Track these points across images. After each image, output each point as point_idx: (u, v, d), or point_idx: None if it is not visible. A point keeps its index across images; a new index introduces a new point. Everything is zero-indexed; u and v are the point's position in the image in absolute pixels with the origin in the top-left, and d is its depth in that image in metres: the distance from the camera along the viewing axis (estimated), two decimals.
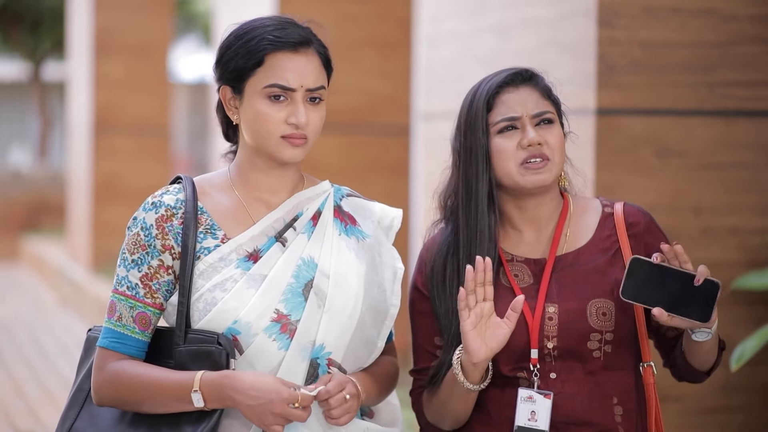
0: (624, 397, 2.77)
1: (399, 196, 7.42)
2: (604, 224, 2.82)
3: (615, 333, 2.74)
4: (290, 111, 2.66)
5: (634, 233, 2.80)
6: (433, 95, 5.18)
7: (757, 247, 4.30)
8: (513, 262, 2.81)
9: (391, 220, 2.85)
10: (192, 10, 25.05)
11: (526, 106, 2.77)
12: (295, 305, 2.67)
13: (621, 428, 2.75)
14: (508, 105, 2.78)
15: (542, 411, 2.72)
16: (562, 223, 2.83)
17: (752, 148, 4.29)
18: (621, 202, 2.85)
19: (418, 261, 2.89)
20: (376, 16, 7.66)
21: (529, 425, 2.72)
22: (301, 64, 2.67)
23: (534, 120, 2.77)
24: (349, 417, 2.63)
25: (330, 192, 2.81)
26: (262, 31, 2.67)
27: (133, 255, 2.68)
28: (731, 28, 4.26)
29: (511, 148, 2.76)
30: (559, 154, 2.78)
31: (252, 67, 2.66)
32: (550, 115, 2.79)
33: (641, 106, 4.20)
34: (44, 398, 7.67)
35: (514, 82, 2.79)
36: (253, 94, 2.67)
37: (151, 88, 12.43)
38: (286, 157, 2.68)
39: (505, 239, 2.84)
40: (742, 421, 4.33)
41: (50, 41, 21.53)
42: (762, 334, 4.02)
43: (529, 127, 2.76)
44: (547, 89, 2.82)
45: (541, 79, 2.83)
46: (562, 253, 2.79)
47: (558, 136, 2.78)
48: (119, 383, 2.64)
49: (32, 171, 18.42)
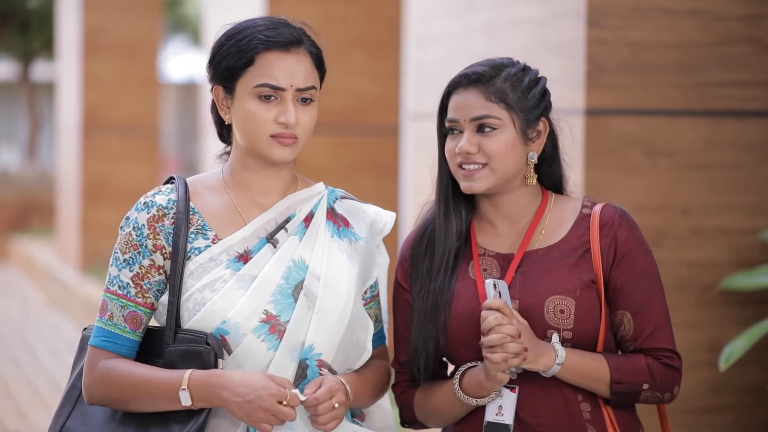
0: (591, 395, 2.74)
1: (388, 197, 7.42)
2: (580, 224, 2.79)
3: (574, 331, 2.71)
4: (280, 110, 2.66)
5: (605, 234, 2.76)
6: (423, 95, 5.18)
7: (746, 247, 4.31)
8: (485, 256, 2.82)
9: (383, 224, 2.86)
10: (182, 12, 25.04)
11: (466, 110, 2.74)
12: (284, 306, 2.67)
13: (589, 425, 2.73)
14: (453, 107, 2.77)
15: (508, 405, 2.72)
16: (537, 219, 2.82)
17: (741, 149, 4.30)
18: (602, 204, 2.82)
19: (399, 254, 2.90)
20: (365, 16, 7.66)
21: (496, 420, 2.72)
22: (291, 63, 2.67)
23: (473, 125, 2.74)
24: (336, 423, 2.64)
25: (324, 194, 2.82)
26: (253, 30, 2.68)
27: (124, 254, 2.69)
28: (720, 29, 4.26)
29: (452, 150, 2.77)
30: (499, 161, 2.73)
31: (242, 66, 2.66)
32: (492, 121, 2.73)
33: (630, 107, 4.20)
34: (33, 399, 7.65)
35: (462, 84, 2.76)
36: (243, 93, 2.67)
37: (140, 89, 12.42)
38: (276, 157, 2.68)
39: (480, 233, 2.84)
40: (731, 421, 4.33)
41: (39, 41, 21.49)
42: (751, 334, 4.02)
43: (466, 133, 2.74)
44: (500, 91, 2.74)
45: (500, 79, 2.75)
46: (533, 249, 2.79)
47: (499, 143, 2.73)
48: (109, 381, 2.64)
49: (21, 171, 18.41)
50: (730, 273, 4.27)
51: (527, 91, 2.77)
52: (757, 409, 4.35)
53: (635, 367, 2.72)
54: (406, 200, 6.48)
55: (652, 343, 2.75)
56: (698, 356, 4.24)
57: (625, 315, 2.75)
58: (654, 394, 2.73)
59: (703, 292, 4.28)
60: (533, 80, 2.79)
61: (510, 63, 2.80)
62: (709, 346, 4.27)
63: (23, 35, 21.58)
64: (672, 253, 4.23)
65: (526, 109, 2.76)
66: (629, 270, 2.75)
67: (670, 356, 2.75)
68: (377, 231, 2.86)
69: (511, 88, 2.75)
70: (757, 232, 4.30)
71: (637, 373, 2.71)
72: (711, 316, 4.30)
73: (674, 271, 4.23)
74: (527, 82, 2.77)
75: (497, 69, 2.76)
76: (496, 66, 2.77)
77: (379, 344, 2.86)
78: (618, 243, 2.76)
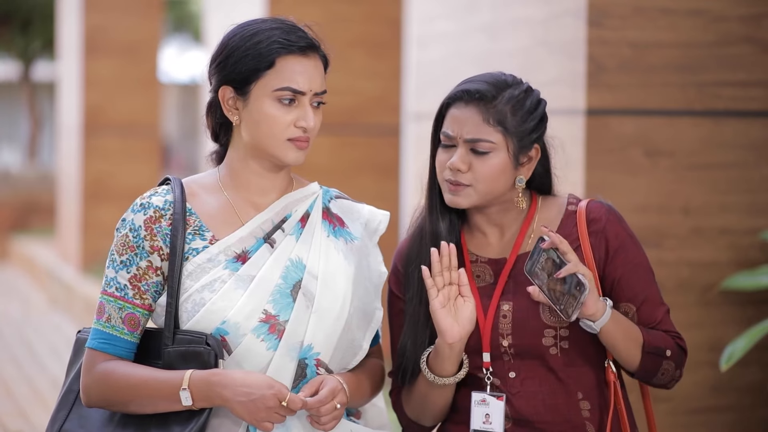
0: (591, 393, 2.76)
1: (389, 197, 7.42)
2: (566, 222, 2.80)
3: (571, 329, 2.73)
4: (299, 114, 2.68)
5: (594, 230, 2.77)
6: (423, 96, 5.18)
7: (746, 247, 4.31)
8: (477, 263, 2.83)
9: (377, 224, 2.87)
10: (183, 11, 25.02)
11: (463, 128, 2.73)
12: (283, 306, 2.67)
13: (589, 423, 2.74)
14: (450, 121, 2.76)
15: (496, 413, 2.73)
16: (526, 225, 2.82)
17: (741, 148, 4.30)
18: (587, 200, 2.82)
19: (392, 263, 2.91)
20: (366, 16, 7.66)
21: (484, 428, 2.73)
22: (310, 68, 2.69)
23: (467, 144, 2.73)
24: (336, 422, 2.66)
25: (318, 194, 2.82)
26: (270, 33, 2.68)
27: (121, 256, 2.68)
28: (720, 29, 4.26)
29: (442, 162, 2.77)
30: (485, 184, 2.73)
31: (262, 69, 2.66)
32: (486, 145, 2.72)
33: (631, 107, 4.20)
34: (34, 398, 7.66)
35: (463, 99, 2.74)
36: (261, 96, 2.67)
37: (140, 88, 12.41)
38: (290, 159, 2.69)
39: (471, 241, 2.85)
40: (731, 421, 4.33)
41: (40, 41, 21.50)
42: (752, 334, 4.02)
43: (460, 150, 2.74)
44: (500, 113, 2.71)
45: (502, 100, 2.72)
46: (525, 252, 2.79)
47: (488, 168, 2.72)
48: (107, 383, 2.64)
49: (22, 171, 18.40)
50: (730, 273, 4.27)
51: (527, 115, 2.74)
52: (757, 409, 4.34)
53: (659, 335, 2.75)
54: (406, 200, 6.48)
55: (662, 327, 2.78)
56: (699, 356, 4.24)
57: (629, 307, 2.77)
58: (671, 366, 2.75)
59: (704, 292, 4.27)
60: (534, 104, 2.76)
61: (513, 82, 2.77)
62: (710, 346, 4.27)
63: (24, 35, 21.59)
64: (673, 253, 4.23)
65: (522, 134, 2.74)
66: (624, 263, 2.76)
67: (679, 337, 2.80)
68: (372, 230, 2.86)
69: (512, 111, 2.73)
70: (758, 232, 4.30)
71: (661, 340, 2.74)
72: (712, 316, 4.29)
73: (675, 271, 4.23)
74: (528, 106, 2.75)
75: (500, 89, 2.74)
76: (499, 85, 2.74)
77: (374, 344, 2.86)
78: (609, 237, 2.77)
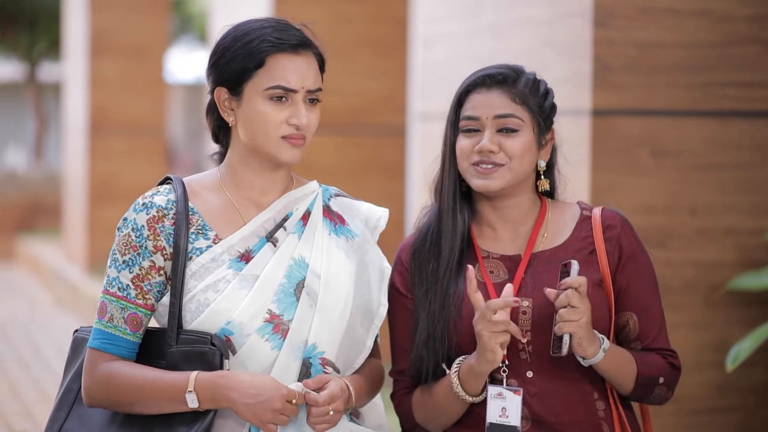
0: (604, 394, 2.77)
1: (395, 197, 7.42)
2: (581, 226, 2.83)
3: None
4: (291, 112, 2.67)
5: (609, 236, 2.80)
6: (429, 96, 5.18)
7: (752, 247, 4.30)
8: (489, 259, 2.83)
9: (377, 220, 2.87)
10: (189, 11, 25.03)
11: (490, 108, 2.77)
12: (287, 305, 2.67)
13: (604, 424, 2.76)
14: (473, 105, 2.78)
15: (513, 407, 2.72)
16: (540, 222, 2.84)
17: (747, 149, 4.29)
18: (600, 207, 2.87)
19: (395, 260, 2.90)
20: (371, 16, 7.65)
21: (501, 422, 2.72)
22: (301, 65, 2.69)
23: (495, 124, 2.76)
24: (327, 426, 2.65)
25: (318, 192, 2.83)
26: (261, 32, 2.68)
27: (124, 256, 2.68)
28: (726, 29, 4.26)
29: (468, 148, 2.78)
30: (518, 162, 2.77)
31: (253, 68, 2.67)
32: (516, 122, 2.76)
33: (636, 107, 4.20)
34: (39, 398, 7.66)
35: (486, 84, 2.79)
36: (253, 95, 2.67)
37: (146, 89, 12.41)
38: (286, 158, 2.69)
39: (481, 237, 2.86)
40: (737, 422, 4.33)
41: (46, 42, 21.51)
42: (757, 335, 4.02)
43: (488, 132, 2.76)
44: (523, 94, 2.78)
45: (521, 83, 2.79)
46: (539, 251, 2.81)
47: (520, 144, 2.76)
48: (111, 384, 2.64)
49: (28, 171, 18.40)
50: (736, 273, 4.27)
51: (543, 98, 2.82)
52: (763, 409, 4.34)
53: (653, 362, 2.78)
54: (412, 200, 6.48)
55: (657, 344, 2.82)
56: (704, 357, 4.24)
57: (631, 316, 2.81)
58: (662, 390, 2.80)
59: (710, 292, 4.27)
60: (546, 88, 2.84)
61: (525, 69, 2.84)
62: (716, 347, 4.27)
63: (30, 35, 21.60)
64: (678, 253, 4.23)
65: (543, 115, 2.81)
66: (633, 271, 2.80)
67: (673, 356, 2.83)
68: (372, 227, 2.87)
69: (531, 92, 2.80)
70: (764, 233, 4.30)
71: (655, 367, 2.78)
72: (717, 316, 4.29)
73: (681, 272, 4.23)
74: (542, 90, 2.82)
75: (519, 73, 2.81)
76: (516, 69, 2.82)
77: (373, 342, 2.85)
78: (623, 245, 2.81)
